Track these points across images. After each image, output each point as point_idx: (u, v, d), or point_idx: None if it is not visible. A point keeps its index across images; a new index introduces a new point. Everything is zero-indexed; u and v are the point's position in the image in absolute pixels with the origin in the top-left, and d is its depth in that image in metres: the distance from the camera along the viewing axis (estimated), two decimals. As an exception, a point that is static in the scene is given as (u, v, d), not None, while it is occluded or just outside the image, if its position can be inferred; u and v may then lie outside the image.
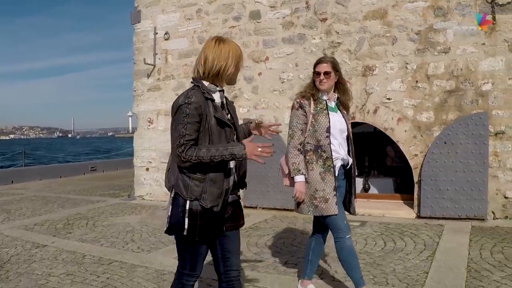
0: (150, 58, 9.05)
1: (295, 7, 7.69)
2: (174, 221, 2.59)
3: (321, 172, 3.46)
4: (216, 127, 2.54)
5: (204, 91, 2.54)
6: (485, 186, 6.39)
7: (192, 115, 2.45)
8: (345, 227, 3.51)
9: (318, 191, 3.46)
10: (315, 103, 3.54)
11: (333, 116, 3.55)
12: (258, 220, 7.07)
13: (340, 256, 3.57)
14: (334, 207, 3.44)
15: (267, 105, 8.02)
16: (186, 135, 2.45)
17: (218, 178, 2.54)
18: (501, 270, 4.31)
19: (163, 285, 4.28)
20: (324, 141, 3.47)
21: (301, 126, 3.54)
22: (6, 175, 13.67)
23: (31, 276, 4.62)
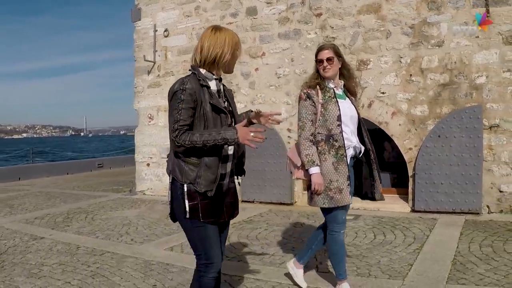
0: (150, 55, 9.16)
1: (290, 2, 7.73)
2: (176, 206, 2.62)
3: (334, 162, 3.39)
4: (212, 113, 2.55)
5: (200, 78, 2.56)
6: (479, 180, 6.37)
7: (187, 101, 2.47)
8: (343, 222, 3.51)
9: (332, 182, 3.39)
10: (322, 92, 3.46)
11: (342, 103, 3.47)
12: (253, 213, 7.13)
13: (331, 248, 3.58)
14: (348, 197, 3.41)
15: (264, 100, 8.08)
16: (180, 120, 2.46)
17: (213, 163, 2.55)
18: (487, 263, 4.30)
19: (150, 275, 4.36)
20: (336, 129, 3.39)
21: (310, 116, 3.45)
22: (14, 172, 13.88)
23: (24, 266, 4.75)
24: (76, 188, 11.20)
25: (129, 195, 9.52)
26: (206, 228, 2.60)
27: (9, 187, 11.61)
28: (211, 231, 2.62)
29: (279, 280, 4.06)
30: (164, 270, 4.50)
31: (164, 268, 4.57)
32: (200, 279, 2.69)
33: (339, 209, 3.45)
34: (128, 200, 8.99)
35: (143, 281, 4.20)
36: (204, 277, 2.67)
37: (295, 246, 5.17)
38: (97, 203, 8.64)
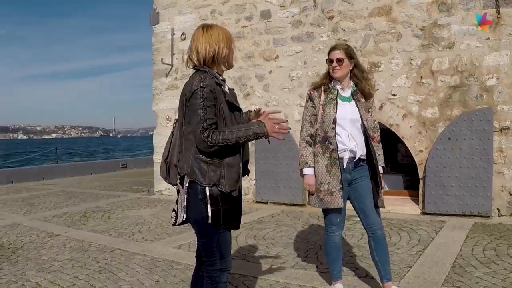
0: (168, 58, 9.37)
1: (303, 5, 7.81)
2: (193, 211, 2.53)
3: (327, 165, 3.40)
4: (229, 111, 2.54)
5: (213, 76, 2.51)
6: (489, 183, 6.31)
7: (209, 98, 2.42)
8: (338, 223, 3.52)
9: (323, 184, 3.41)
10: (325, 93, 3.48)
11: (343, 106, 3.44)
12: (265, 214, 7.23)
13: (325, 248, 3.65)
14: (339, 200, 3.38)
15: (278, 102, 8.17)
16: (207, 119, 2.40)
17: (235, 162, 2.52)
18: (487, 267, 4.29)
19: (154, 271, 4.51)
20: (331, 132, 3.39)
21: (309, 118, 3.51)
22: (39, 172, 14.27)
23: (37, 261, 4.97)
24: (97, 188, 11.51)
25: (147, 195, 9.76)
26: (225, 234, 2.57)
27: (33, 187, 11.99)
28: (228, 236, 2.60)
29: (277, 279, 4.14)
30: (169, 267, 4.65)
31: (169, 265, 4.71)
32: (216, 285, 2.61)
33: (332, 211, 3.47)
34: (146, 200, 9.22)
35: (147, 277, 4.35)
36: (220, 283, 2.61)
37: (300, 246, 5.24)
38: (115, 203, 8.89)
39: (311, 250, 5.05)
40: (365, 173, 3.52)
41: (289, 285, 4.00)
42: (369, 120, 3.52)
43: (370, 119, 3.53)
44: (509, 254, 4.64)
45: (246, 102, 8.28)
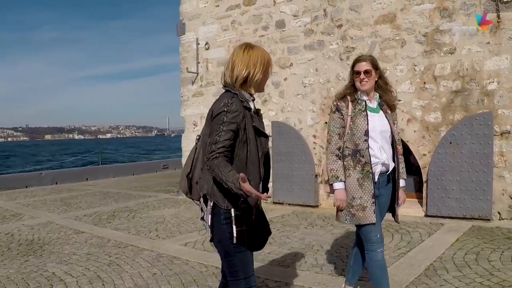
0: (193, 66, 9.92)
1: (314, 15, 8.11)
2: (218, 230, 2.55)
3: (359, 178, 3.25)
4: (254, 136, 2.51)
5: (242, 99, 2.49)
6: (489, 186, 6.37)
7: (229, 123, 2.40)
8: (377, 240, 3.32)
9: (355, 198, 3.25)
10: (353, 104, 3.33)
11: (373, 117, 3.31)
12: (277, 215, 7.60)
13: (369, 268, 3.42)
14: (371, 216, 3.23)
15: (292, 108, 8.52)
16: (218, 142, 2.38)
17: (255, 187, 2.46)
18: (459, 271, 4.42)
19: (155, 265, 5.02)
20: (363, 145, 3.24)
21: (338, 130, 3.33)
22: (82, 173, 15.16)
23: (59, 255, 5.61)
24: (133, 188, 12.22)
25: (176, 196, 10.34)
26: (248, 254, 2.58)
27: (74, 187, 12.84)
28: (251, 256, 2.60)
29: (266, 276, 4.46)
30: (169, 262, 5.14)
31: (170, 260, 5.20)
32: None
33: (368, 227, 3.28)
34: (173, 200, 9.80)
35: (147, 270, 4.87)
36: None
37: (294, 246, 5.57)
38: (144, 203, 9.53)
39: (302, 250, 5.38)
40: (389, 191, 3.43)
41: (267, 281, 4.32)
42: (395, 131, 3.42)
43: (396, 130, 3.44)
44: (488, 259, 4.73)
45: (264, 108, 8.69)
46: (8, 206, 9.56)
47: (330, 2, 7.89)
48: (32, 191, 12.20)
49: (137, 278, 4.60)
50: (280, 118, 8.60)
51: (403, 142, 7.33)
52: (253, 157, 2.53)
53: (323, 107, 8.06)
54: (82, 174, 15.02)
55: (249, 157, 2.52)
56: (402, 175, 3.45)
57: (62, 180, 14.13)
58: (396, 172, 3.39)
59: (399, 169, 3.40)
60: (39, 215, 8.41)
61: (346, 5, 7.70)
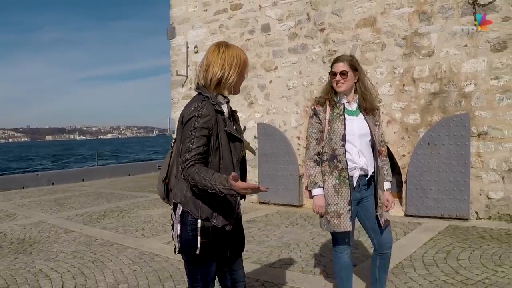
0: (183, 69, 10.11)
1: (298, 19, 8.29)
2: (185, 241, 2.44)
3: (336, 185, 3.16)
4: (227, 141, 2.41)
5: (214, 102, 2.38)
6: (466, 187, 6.52)
7: (201, 129, 2.30)
8: (345, 243, 3.29)
9: (330, 205, 3.18)
10: (331, 108, 3.22)
11: (351, 120, 3.20)
12: (260, 214, 7.76)
13: (334, 267, 3.42)
14: (347, 223, 3.15)
15: (277, 110, 8.69)
16: (192, 150, 2.29)
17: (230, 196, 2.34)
18: (426, 269, 4.54)
19: (137, 262, 5.20)
20: (340, 150, 3.14)
21: (315, 135, 3.26)
22: (78, 174, 15.29)
23: (47, 252, 5.78)
24: (126, 189, 12.37)
25: (167, 196, 10.52)
26: (212, 265, 2.50)
27: (70, 188, 12.98)
28: (214, 267, 2.53)
29: None
30: (150, 259, 5.31)
31: (152, 257, 5.37)
32: None
33: (341, 234, 3.25)
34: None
35: (128, 266, 5.04)
36: None
37: (272, 244, 5.73)
38: (135, 203, 9.69)
39: (279, 248, 5.53)
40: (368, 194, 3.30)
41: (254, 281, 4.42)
42: (377, 134, 3.30)
43: (378, 132, 3.32)
44: (457, 258, 4.85)
45: (250, 110, 8.88)
46: (3, 207, 9.74)
47: (313, 6, 8.07)
48: (28, 192, 12.37)
49: (118, 274, 4.79)
50: (265, 120, 8.78)
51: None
52: (227, 164, 2.41)
53: (306, 109, 8.22)
54: (78, 175, 15.16)
55: (222, 164, 2.40)
56: (387, 177, 3.36)
57: (58, 180, 14.28)
58: (375, 177, 3.25)
59: (380, 173, 3.28)
60: (33, 215, 8.58)
61: (329, 9, 7.87)
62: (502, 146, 6.43)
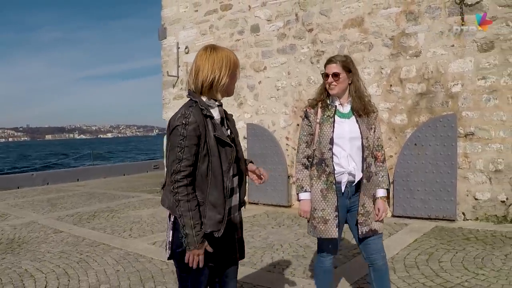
0: (174, 70, 10.13)
1: (287, 19, 8.29)
2: (176, 247, 2.40)
3: (323, 190, 3.07)
4: (216, 147, 2.33)
5: (202, 107, 2.33)
6: (453, 187, 6.52)
7: (190, 137, 2.25)
8: (329, 250, 3.21)
9: (317, 210, 3.09)
10: (322, 110, 3.13)
11: (341, 123, 3.08)
12: (248, 214, 7.75)
13: (315, 270, 3.40)
14: (333, 230, 3.06)
15: (266, 110, 8.70)
16: (183, 159, 2.25)
17: (219, 202, 2.34)
18: (406, 271, 4.53)
19: (121, 262, 5.23)
20: (327, 153, 3.05)
21: (305, 138, 3.18)
22: (73, 174, 15.30)
23: (34, 253, 5.82)
24: (119, 189, 12.37)
25: (158, 196, 10.52)
26: (203, 273, 2.43)
27: (64, 188, 12.99)
28: (205, 275, 2.46)
29: None
30: (135, 259, 5.33)
31: (136, 258, 5.39)
32: None
33: (326, 240, 3.16)
34: (154, 200, 9.94)
35: (112, 267, 5.07)
36: None
37: (256, 245, 5.74)
38: (126, 203, 9.70)
39: (262, 249, 5.54)
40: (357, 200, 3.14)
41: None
42: (371, 138, 3.13)
43: (373, 136, 3.15)
44: (439, 260, 4.83)
45: (240, 110, 8.88)
46: (-4, 207, 9.78)
47: (301, 7, 8.07)
48: (22, 192, 12.40)
49: (101, 275, 4.82)
50: (255, 120, 8.79)
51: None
52: (216, 171, 2.34)
53: (295, 110, 8.23)
54: (73, 175, 15.17)
55: (211, 170, 2.34)
56: (382, 184, 3.15)
57: (53, 180, 14.30)
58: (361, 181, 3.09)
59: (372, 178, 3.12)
60: (24, 215, 8.60)
61: (317, 9, 7.88)
62: (489, 147, 6.41)
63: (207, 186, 2.33)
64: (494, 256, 4.87)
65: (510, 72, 6.25)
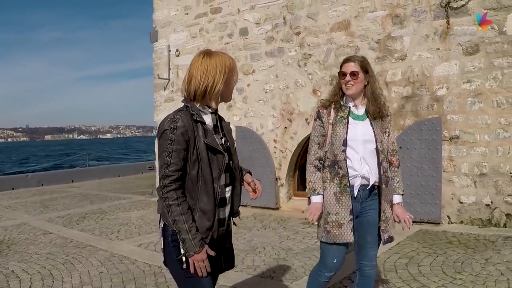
0: (165, 73, 10.17)
1: (275, 22, 8.33)
2: (168, 253, 2.37)
3: (337, 193, 2.96)
4: (206, 153, 2.29)
5: (193, 112, 2.30)
6: (438, 191, 6.54)
7: (178, 141, 2.22)
8: (332, 266, 3.06)
9: (330, 214, 2.98)
10: (335, 111, 3.04)
11: (355, 125, 3.00)
12: (235, 217, 7.79)
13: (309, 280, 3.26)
14: (349, 234, 2.94)
15: (255, 113, 8.75)
16: (171, 164, 2.23)
17: (208, 208, 2.30)
18: (384, 275, 4.53)
19: (105, 264, 5.30)
20: (340, 155, 2.95)
21: (317, 139, 3.07)
22: (68, 175, 15.32)
23: (22, 254, 5.89)
24: (112, 190, 12.42)
25: (150, 198, 10.56)
26: (200, 280, 2.33)
27: (58, 189, 13.05)
28: (206, 283, 2.36)
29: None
30: (119, 261, 5.40)
31: (120, 259, 5.46)
32: None
33: (334, 247, 3.01)
34: (145, 202, 10.00)
35: (96, 268, 5.14)
36: None
37: (239, 247, 5.73)
38: (117, 205, 9.75)
39: (245, 251, 5.59)
40: (376, 206, 3.07)
41: None
42: (385, 142, 3.07)
43: (387, 140, 3.09)
44: (419, 264, 4.84)
45: (229, 113, 8.92)
46: (-11, 208, 9.84)
47: (289, 10, 8.11)
48: (16, 193, 12.48)
49: (84, 276, 4.89)
50: (243, 123, 8.83)
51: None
52: (206, 177, 2.30)
53: (282, 113, 8.28)
54: (68, 176, 15.20)
55: (201, 177, 2.30)
56: (398, 189, 3.12)
57: (48, 182, 14.35)
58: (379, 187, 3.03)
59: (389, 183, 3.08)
60: (16, 217, 8.67)
61: (304, 12, 7.92)
62: (474, 150, 6.44)
63: (197, 192, 2.30)
64: (474, 260, 4.88)
65: (495, 75, 6.26)
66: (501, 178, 6.25)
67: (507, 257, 4.89)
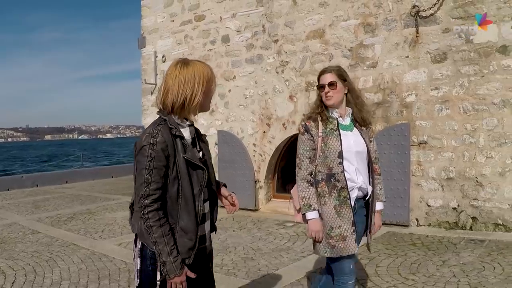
0: (152, 78, 10.48)
1: (254, 30, 8.62)
2: (145, 276, 2.27)
3: (336, 206, 2.93)
4: (187, 169, 2.21)
5: (172, 126, 2.21)
6: (406, 194, 6.78)
7: (158, 158, 2.13)
8: (350, 271, 3.06)
9: (334, 228, 2.93)
10: (323, 123, 3.01)
11: (346, 136, 2.99)
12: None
13: None
14: (353, 245, 2.93)
15: (235, 118, 9.05)
16: (152, 182, 2.13)
17: (190, 228, 2.22)
18: None
19: (85, 261, 5.61)
20: (337, 168, 2.92)
21: (308, 153, 3.01)
22: (62, 176, 15.60)
23: (10, 252, 6.22)
24: (103, 191, 12.67)
25: (137, 198, 10.85)
26: None
27: (51, 190, 13.29)
28: None
29: None
30: (98, 259, 5.71)
31: (99, 258, 5.77)
32: None
33: (343, 258, 3.00)
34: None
35: (76, 266, 5.46)
36: None
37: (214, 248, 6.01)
38: (105, 205, 10.03)
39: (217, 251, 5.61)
40: (363, 218, 3.11)
41: None
42: (372, 150, 3.10)
43: (372, 149, 3.13)
44: (377, 265, 5.01)
45: (211, 117, 9.25)
46: (-17, 209, 10.11)
47: (268, 19, 8.40)
48: (11, 194, 12.77)
49: (64, 272, 5.21)
50: (225, 128, 9.12)
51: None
52: (187, 194, 2.22)
53: (261, 117, 8.57)
54: (62, 177, 15.45)
55: (181, 194, 2.22)
56: (381, 197, 3.19)
57: (42, 183, 14.62)
58: (371, 196, 3.08)
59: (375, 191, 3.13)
60: (8, 217, 8.97)
61: (282, 21, 8.20)
62: (441, 155, 6.68)
63: (177, 211, 2.22)
64: (432, 262, 5.05)
65: (461, 82, 6.50)
66: (467, 183, 6.47)
67: (464, 259, 5.06)
